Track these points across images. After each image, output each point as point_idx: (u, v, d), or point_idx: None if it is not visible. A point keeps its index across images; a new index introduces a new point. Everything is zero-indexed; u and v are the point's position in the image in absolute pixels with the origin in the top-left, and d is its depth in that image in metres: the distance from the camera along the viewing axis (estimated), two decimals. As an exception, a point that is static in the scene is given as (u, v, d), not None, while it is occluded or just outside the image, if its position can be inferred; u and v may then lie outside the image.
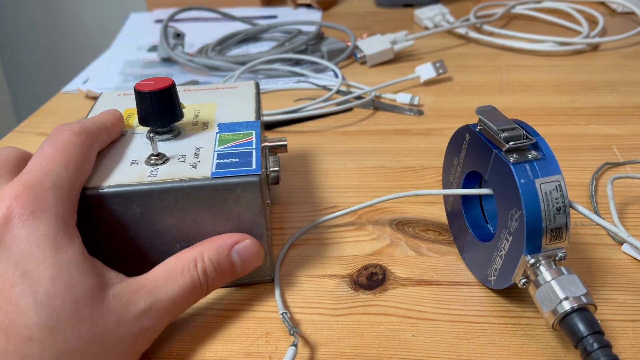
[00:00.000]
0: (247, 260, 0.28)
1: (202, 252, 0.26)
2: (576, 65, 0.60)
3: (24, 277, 0.21)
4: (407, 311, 0.29)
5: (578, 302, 0.24)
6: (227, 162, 0.28)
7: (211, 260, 0.26)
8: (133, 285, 0.24)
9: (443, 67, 0.56)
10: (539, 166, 0.26)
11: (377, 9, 0.85)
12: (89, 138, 0.27)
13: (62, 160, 0.25)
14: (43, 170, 0.24)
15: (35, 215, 0.22)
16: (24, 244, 0.22)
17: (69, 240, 0.23)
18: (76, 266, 0.22)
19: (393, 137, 0.46)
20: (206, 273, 0.26)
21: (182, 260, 0.26)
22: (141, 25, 0.80)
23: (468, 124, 0.29)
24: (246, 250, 0.27)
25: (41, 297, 0.21)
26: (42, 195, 0.23)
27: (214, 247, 0.27)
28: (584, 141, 0.44)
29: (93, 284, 0.23)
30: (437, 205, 0.37)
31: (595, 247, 0.33)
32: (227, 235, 0.27)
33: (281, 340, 0.27)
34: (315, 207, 0.37)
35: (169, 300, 0.25)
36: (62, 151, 0.25)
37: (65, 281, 0.22)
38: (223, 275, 0.27)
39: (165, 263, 0.26)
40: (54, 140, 0.26)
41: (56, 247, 0.22)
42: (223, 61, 0.60)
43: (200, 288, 0.26)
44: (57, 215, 0.23)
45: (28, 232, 0.22)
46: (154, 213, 0.27)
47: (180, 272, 0.25)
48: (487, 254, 0.29)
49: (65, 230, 0.23)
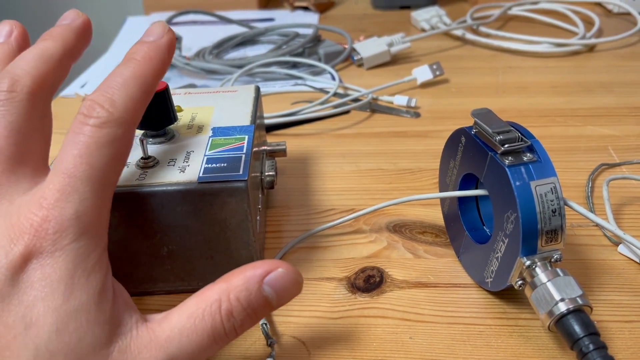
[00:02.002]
0: (283, 292, 0.23)
1: (227, 290, 0.22)
2: (572, 66, 0.60)
3: (28, 329, 0.19)
4: (404, 313, 0.29)
5: (574, 304, 0.24)
6: (215, 167, 0.28)
7: (239, 299, 0.22)
8: (144, 337, 0.21)
9: (440, 69, 0.56)
10: (534, 168, 0.26)
11: (374, 11, 0.85)
12: (121, 127, 0.21)
13: (84, 173, 0.21)
14: (64, 192, 0.20)
15: (52, 255, 0.20)
16: (37, 289, 0.20)
17: (87, 279, 0.20)
18: (86, 314, 0.20)
19: (390, 140, 0.46)
20: (232, 316, 0.21)
21: (202, 302, 0.22)
22: (138, 29, 0.80)
23: (464, 127, 0.29)
24: (280, 280, 0.22)
25: (43, 353, 0.19)
26: (63, 228, 0.20)
27: (242, 281, 0.22)
28: (580, 142, 0.44)
29: (100, 336, 0.20)
30: (434, 208, 0.37)
31: (592, 248, 0.33)
32: (257, 264, 0.22)
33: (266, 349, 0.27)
34: (312, 210, 0.38)
35: (185, 355, 0.21)
36: (85, 161, 0.21)
37: (71, 334, 0.20)
38: (255, 313, 0.22)
39: (184, 306, 0.22)
40: (76, 140, 0.21)
41: (69, 291, 0.20)
42: (220, 64, 0.60)
43: (224, 334, 0.22)
44: (76, 252, 0.20)
45: (43, 275, 0.20)
46: (140, 216, 0.27)
47: (200, 318, 0.21)
48: (483, 256, 0.29)
49: (83, 267, 0.20)
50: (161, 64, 0.23)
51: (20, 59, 0.23)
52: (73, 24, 0.25)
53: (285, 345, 0.27)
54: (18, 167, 0.22)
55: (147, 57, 0.23)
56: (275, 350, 0.27)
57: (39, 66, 0.23)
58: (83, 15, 0.26)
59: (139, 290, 0.30)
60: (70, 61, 0.25)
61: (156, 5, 0.86)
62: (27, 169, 0.22)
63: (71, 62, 0.25)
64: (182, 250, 0.29)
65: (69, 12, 0.26)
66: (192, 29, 0.78)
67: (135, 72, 0.22)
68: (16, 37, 0.26)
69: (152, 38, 0.24)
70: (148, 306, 0.30)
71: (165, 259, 0.29)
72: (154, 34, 0.24)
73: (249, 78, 0.60)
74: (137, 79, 0.22)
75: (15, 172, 0.22)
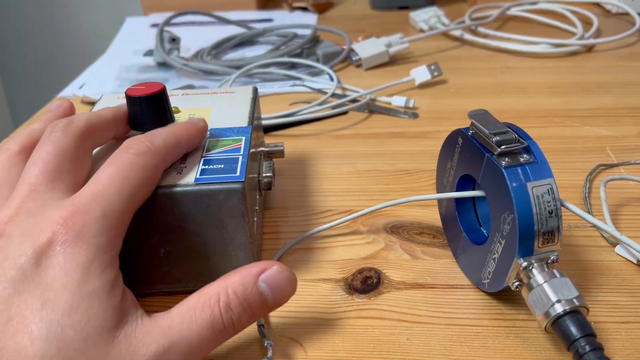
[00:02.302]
0: (278, 289, 0.24)
1: (225, 285, 0.24)
2: (570, 66, 0.60)
3: (45, 305, 0.21)
4: (401, 315, 0.29)
5: (570, 305, 0.24)
6: (212, 168, 0.28)
7: (236, 292, 0.24)
8: (146, 325, 0.23)
9: (438, 70, 0.56)
10: (531, 170, 0.26)
11: (372, 12, 0.85)
12: (155, 158, 0.26)
13: (117, 185, 0.24)
14: (95, 196, 0.24)
15: (75, 244, 0.22)
16: (57, 271, 0.22)
17: (102, 271, 0.23)
18: (98, 299, 0.22)
19: (388, 140, 0.46)
20: (230, 308, 0.23)
21: (202, 296, 0.24)
22: (137, 29, 0.80)
23: (460, 128, 0.29)
24: (275, 277, 0.24)
25: (55, 327, 0.21)
26: (88, 224, 0.23)
27: (239, 278, 0.24)
28: (577, 143, 0.44)
29: (108, 320, 0.22)
30: (432, 209, 0.37)
31: (589, 249, 0.33)
32: (252, 264, 0.25)
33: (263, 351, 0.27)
34: (310, 211, 0.38)
35: (185, 343, 0.23)
36: (120, 175, 0.24)
37: (83, 313, 0.21)
38: (251, 308, 0.24)
39: (184, 301, 0.24)
40: (116, 161, 0.25)
41: (85, 277, 0.22)
42: (219, 65, 0.60)
43: (223, 326, 0.23)
44: (97, 245, 0.23)
45: (65, 260, 0.22)
46: (137, 217, 0.27)
47: (200, 309, 0.23)
48: (480, 257, 0.29)
49: (101, 260, 0.23)
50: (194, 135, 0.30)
51: (80, 114, 0.28)
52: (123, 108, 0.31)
53: (282, 346, 0.27)
54: (57, 181, 0.25)
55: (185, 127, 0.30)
56: (272, 352, 0.27)
57: (90, 118, 0.28)
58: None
59: (137, 292, 0.30)
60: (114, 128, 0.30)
61: (155, 6, 0.86)
62: (64, 185, 0.25)
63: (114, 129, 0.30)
64: (179, 252, 0.29)
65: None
66: (190, 30, 0.78)
67: (173, 131, 0.29)
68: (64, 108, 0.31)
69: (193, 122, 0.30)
70: (146, 308, 0.29)
71: (163, 260, 0.29)
72: (195, 120, 0.31)
73: (247, 79, 0.60)
74: (173, 135, 0.28)
75: (54, 183, 0.25)
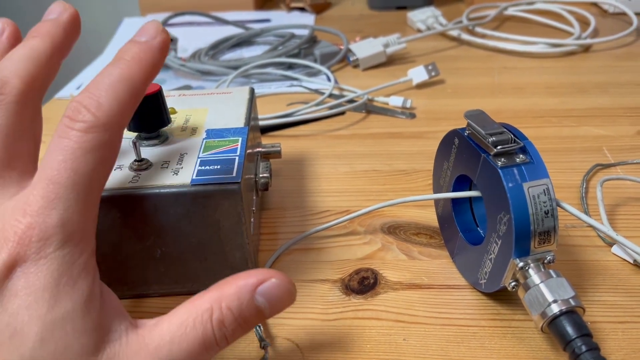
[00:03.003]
0: (276, 302, 0.22)
1: (219, 299, 0.21)
2: (567, 66, 0.60)
3: (13, 338, 0.19)
4: (398, 315, 0.29)
5: (566, 305, 0.24)
6: (208, 169, 0.28)
7: (230, 308, 0.21)
8: (132, 344, 0.21)
9: (435, 70, 0.56)
10: (527, 170, 0.26)
11: (370, 12, 0.85)
12: (107, 131, 0.21)
13: (69, 181, 0.20)
14: (48, 199, 0.20)
15: (37, 263, 0.19)
16: (22, 297, 0.19)
17: (72, 286, 0.20)
18: (72, 323, 0.20)
19: (385, 141, 0.46)
20: (223, 325, 0.21)
21: (194, 310, 0.21)
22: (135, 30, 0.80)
23: (457, 128, 0.29)
24: (273, 291, 0.22)
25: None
26: (47, 236, 0.20)
27: (234, 290, 0.21)
28: (574, 143, 0.44)
29: (87, 344, 0.20)
30: (428, 209, 0.37)
31: (585, 249, 0.33)
32: (250, 273, 0.22)
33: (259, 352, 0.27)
34: (307, 211, 0.38)
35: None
36: (69, 166, 0.20)
37: (56, 343, 0.19)
38: (246, 323, 0.22)
39: (175, 314, 0.21)
40: (61, 146, 0.20)
41: (54, 300, 0.19)
42: (216, 66, 0.60)
43: (215, 342, 0.21)
44: (61, 259, 0.20)
45: (27, 283, 0.19)
46: (133, 218, 0.27)
47: (191, 326, 0.21)
48: (477, 257, 0.29)
49: (69, 274, 0.20)
50: (151, 66, 0.22)
51: (7, 59, 0.23)
52: (60, 18, 0.24)
53: (278, 347, 0.27)
54: (5, 171, 0.22)
55: (137, 58, 0.22)
56: (269, 353, 0.27)
57: (27, 67, 0.22)
58: (70, 8, 0.25)
59: (133, 293, 0.30)
60: (60, 58, 0.24)
61: (152, 7, 0.86)
62: (15, 172, 0.22)
63: (60, 59, 0.24)
64: (175, 253, 0.29)
65: (55, 4, 0.25)
66: (188, 30, 0.78)
67: (124, 73, 0.22)
68: (7, 35, 0.25)
69: (144, 38, 0.23)
70: (142, 309, 0.30)
71: (159, 261, 0.29)
72: (147, 34, 0.23)
73: (244, 79, 0.60)
74: (125, 82, 0.21)
75: (3, 176, 0.21)
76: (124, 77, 0.21)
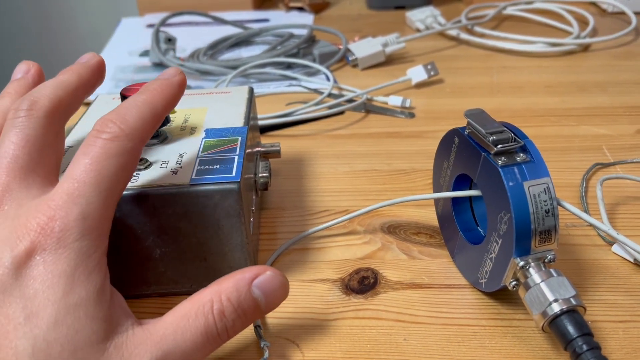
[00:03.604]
0: (271, 294, 0.24)
1: (219, 292, 0.23)
2: (566, 66, 0.60)
3: (28, 320, 0.20)
4: (398, 315, 0.29)
5: (567, 304, 0.24)
6: (207, 169, 0.28)
7: (230, 299, 0.23)
8: (139, 335, 0.22)
9: (434, 69, 0.56)
10: (527, 169, 0.26)
11: (368, 12, 0.85)
12: (131, 141, 0.23)
13: (93, 180, 0.22)
14: (71, 195, 0.22)
15: (56, 252, 0.21)
16: (39, 283, 0.21)
17: (87, 277, 0.21)
18: (85, 309, 0.21)
19: (384, 140, 0.46)
20: (224, 315, 0.23)
21: (196, 303, 0.23)
22: (133, 30, 0.80)
23: (457, 127, 0.29)
24: (268, 283, 0.24)
25: (40, 343, 0.20)
26: (68, 228, 0.21)
27: (232, 283, 0.24)
28: (574, 142, 0.44)
29: (97, 331, 0.21)
30: (428, 208, 0.37)
31: (586, 248, 0.33)
32: (245, 269, 0.24)
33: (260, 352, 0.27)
34: (306, 211, 0.37)
35: (179, 352, 0.22)
36: (94, 168, 0.22)
37: (69, 326, 0.20)
38: (245, 315, 0.24)
39: (177, 308, 0.23)
40: (88, 150, 0.23)
41: (69, 286, 0.21)
42: (215, 65, 0.60)
43: (217, 333, 0.23)
44: (79, 250, 0.21)
45: (45, 270, 0.21)
46: (132, 218, 0.27)
47: (194, 317, 0.23)
48: (477, 256, 0.29)
49: (85, 265, 0.21)
50: (171, 96, 0.26)
51: (39, 87, 0.26)
52: (89, 62, 0.29)
53: (278, 347, 0.27)
54: (30, 175, 0.23)
55: (160, 90, 0.26)
56: (269, 353, 0.27)
57: (56, 92, 0.26)
58: (98, 57, 0.29)
59: (133, 293, 0.30)
60: (84, 93, 0.28)
61: (151, 7, 0.86)
62: (38, 178, 0.24)
63: (84, 94, 0.28)
64: (175, 253, 0.29)
65: (87, 54, 0.30)
66: (186, 30, 0.77)
67: (147, 99, 0.25)
68: (32, 74, 0.29)
69: (166, 77, 0.27)
70: (142, 309, 0.30)
71: (159, 261, 0.29)
72: (168, 74, 0.27)
73: (243, 79, 0.60)
74: (148, 105, 0.25)
75: (27, 179, 0.23)
76: (147, 102, 0.25)
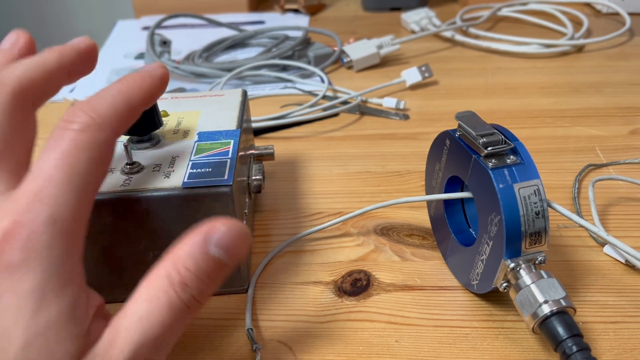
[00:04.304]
0: (232, 248, 0.21)
1: (174, 263, 0.21)
2: (561, 67, 0.60)
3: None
4: (390, 317, 0.29)
5: (557, 306, 0.24)
6: (200, 172, 0.28)
7: (187, 268, 0.21)
8: (106, 337, 0.20)
9: (429, 71, 0.56)
10: (518, 171, 0.26)
11: (364, 13, 0.85)
12: (103, 131, 0.21)
13: (63, 177, 0.20)
14: (39, 195, 0.19)
15: (23, 264, 0.19)
16: (7, 301, 0.19)
17: (59, 291, 0.19)
18: (56, 330, 0.19)
19: (379, 142, 0.46)
20: (187, 286, 0.21)
21: (153, 282, 0.21)
22: (128, 32, 0.80)
23: (448, 130, 0.29)
24: (225, 237, 0.21)
25: None
26: (35, 234, 0.19)
27: (186, 250, 0.21)
28: (568, 143, 0.45)
29: (70, 350, 0.19)
30: (422, 210, 0.37)
31: (577, 249, 0.33)
32: (197, 230, 0.21)
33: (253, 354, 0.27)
34: (300, 213, 0.37)
35: (150, 339, 0.20)
36: (65, 163, 0.20)
37: (40, 349, 0.19)
38: (210, 277, 0.21)
39: (136, 293, 0.21)
40: (57, 144, 0.20)
41: (39, 303, 0.19)
42: (210, 68, 0.60)
43: (185, 306, 0.21)
44: (50, 260, 0.19)
45: (13, 284, 0.19)
46: (125, 222, 0.27)
47: (155, 297, 0.20)
48: (469, 258, 0.29)
49: (57, 277, 0.19)
50: (150, 89, 0.24)
51: (12, 65, 0.23)
52: (77, 45, 0.26)
53: (271, 350, 0.27)
54: None
55: (138, 81, 0.24)
56: (261, 356, 0.27)
57: (27, 72, 0.23)
58: (90, 40, 0.26)
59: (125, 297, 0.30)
60: (65, 77, 0.25)
61: (146, 9, 0.86)
62: (4, 173, 0.21)
63: (65, 79, 0.25)
64: None
65: (80, 37, 0.26)
66: (181, 33, 0.78)
67: (122, 89, 0.23)
68: (20, 46, 0.26)
69: (147, 69, 0.25)
70: (134, 312, 0.30)
71: (152, 264, 0.29)
72: (150, 67, 0.25)
73: (238, 81, 0.60)
74: (123, 95, 0.22)
75: None
76: (122, 91, 0.23)
